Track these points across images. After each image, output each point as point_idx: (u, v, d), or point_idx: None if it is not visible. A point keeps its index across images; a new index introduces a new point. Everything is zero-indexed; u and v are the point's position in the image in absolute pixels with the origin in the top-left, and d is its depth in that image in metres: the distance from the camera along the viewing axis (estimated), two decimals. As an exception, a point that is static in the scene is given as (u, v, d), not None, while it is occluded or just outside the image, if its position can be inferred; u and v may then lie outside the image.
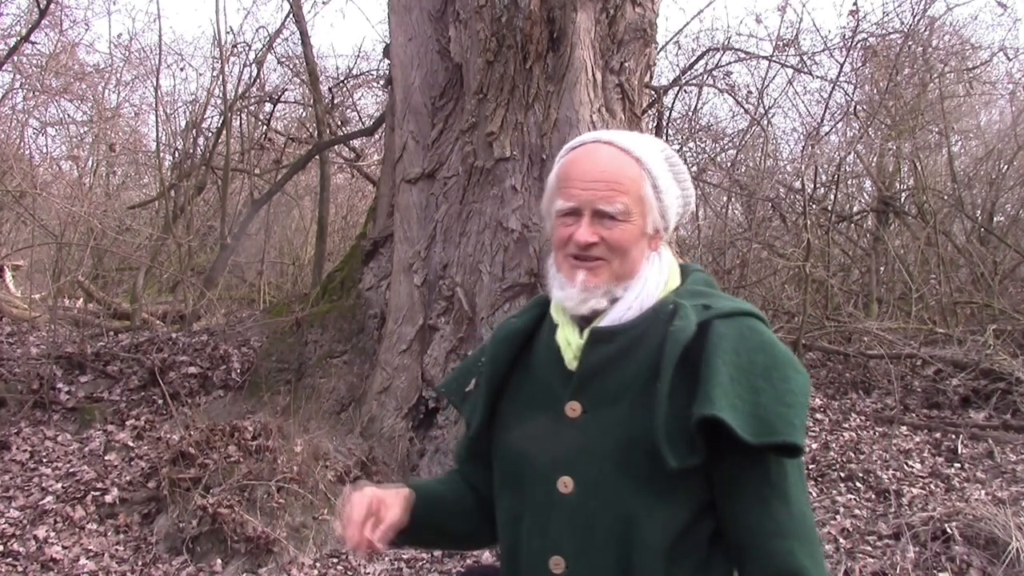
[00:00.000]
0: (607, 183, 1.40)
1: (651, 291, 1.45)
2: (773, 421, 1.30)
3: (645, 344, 1.39)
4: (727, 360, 1.32)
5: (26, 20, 10.07)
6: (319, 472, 4.58)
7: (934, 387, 6.27)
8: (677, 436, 1.31)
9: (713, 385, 1.30)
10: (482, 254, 5.22)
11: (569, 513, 1.38)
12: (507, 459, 1.49)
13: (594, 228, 1.40)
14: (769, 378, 1.33)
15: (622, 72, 5.48)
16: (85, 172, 12.39)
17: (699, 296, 1.44)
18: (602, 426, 1.39)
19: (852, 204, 11.67)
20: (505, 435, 1.50)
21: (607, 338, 1.42)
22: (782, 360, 1.36)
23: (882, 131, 9.81)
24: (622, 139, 1.45)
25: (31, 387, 5.66)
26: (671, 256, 1.53)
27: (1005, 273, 9.25)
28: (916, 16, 9.60)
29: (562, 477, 1.39)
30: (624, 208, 1.39)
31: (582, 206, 1.40)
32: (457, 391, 1.62)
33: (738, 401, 1.30)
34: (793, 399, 1.32)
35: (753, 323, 1.39)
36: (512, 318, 1.60)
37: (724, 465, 1.34)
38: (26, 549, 4.22)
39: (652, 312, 1.42)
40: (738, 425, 1.28)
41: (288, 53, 11.03)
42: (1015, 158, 10.47)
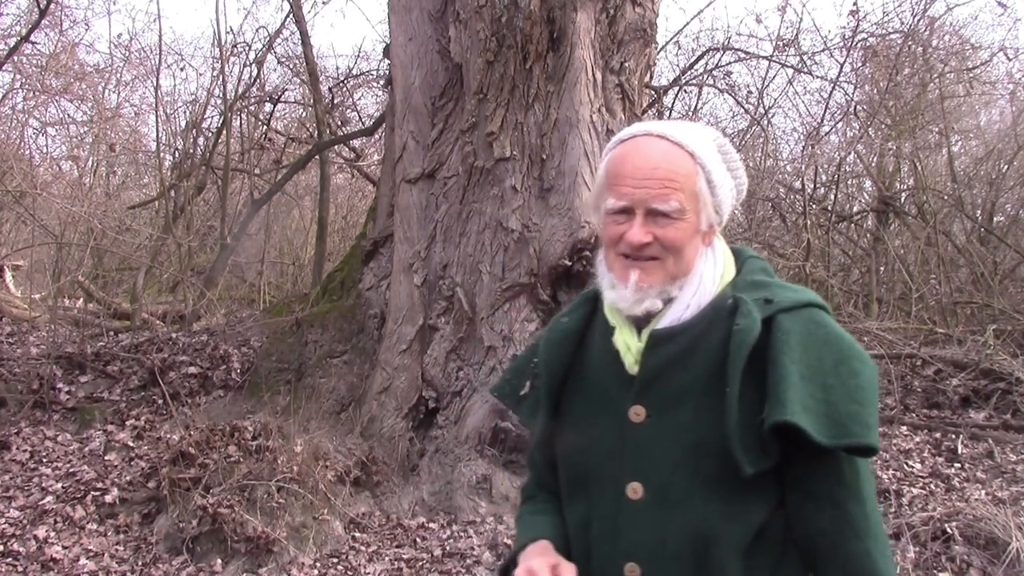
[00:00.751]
0: (661, 180, 1.33)
1: (708, 287, 1.40)
2: (846, 421, 1.26)
3: (706, 343, 1.35)
4: (795, 358, 1.28)
5: (26, 20, 10.08)
6: (319, 472, 4.58)
7: (934, 387, 6.26)
8: (749, 441, 1.28)
9: (784, 387, 1.26)
10: (482, 254, 5.22)
11: (640, 519, 1.36)
12: (572, 464, 1.46)
13: (647, 227, 1.34)
14: (838, 374, 1.29)
15: (622, 72, 5.48)
16: (85, 172, 12.39)
17: (758, 288, 1.38)
18: (668, 430, 1.35)
19: (852, 204, 11.67)
20: (567, 440, 1.47)
21: (667, 340, 1.37)
22: (849, 353, 1.32)
23: (882, 131, 9.81)
24: (674, 131, 1.38)
25: (31, 387, 5.66)
26: (724, 245, 1.48)
27: (1005, 273, 9.25)
28: (916, 16, 9.62)
29: (631, 483, 1.37)
30: (679, 206, 1.34)
31: (635, 204, 1.35)
32: (511, 394, 1.57)
33: (810, 401, 1.26)
34: (863, 396, 1.29)
35: (817, 315, 1.35)
36: (562, 317, 1.54)
37: (796, 465, 1.31)
38: (26, 549, 4.22)
39: (711, 309, 1.38)
40: (812, 428, 1.25)
41: (288, 53, 11.05)
42: (1015, 158, 10.46)
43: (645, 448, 1.36)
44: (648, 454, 1.36)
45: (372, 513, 4.73)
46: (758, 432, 1.28)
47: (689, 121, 7.60)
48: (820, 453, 1.28)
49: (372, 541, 4.49)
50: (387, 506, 4.85)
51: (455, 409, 5.15)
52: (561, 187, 5.14)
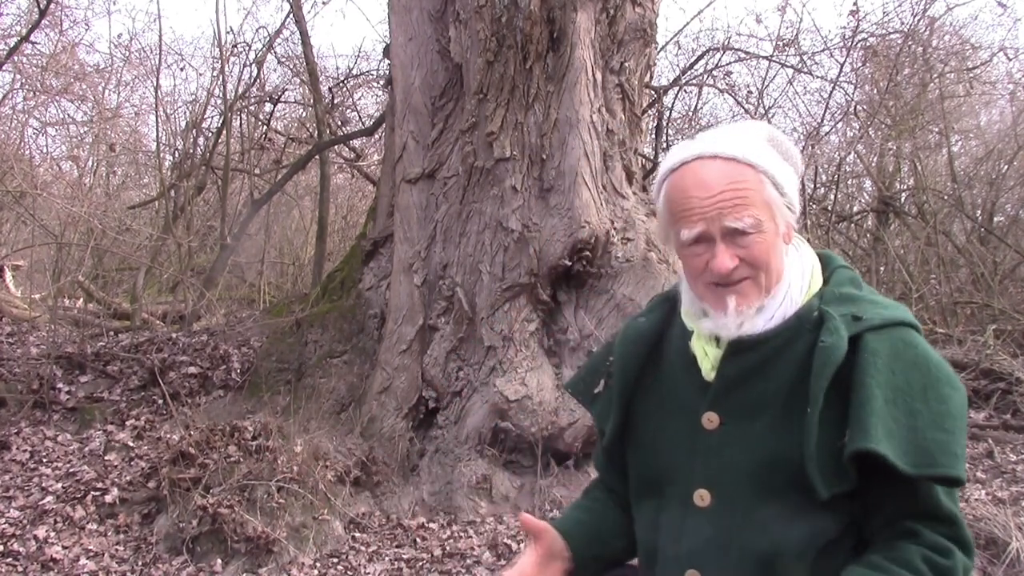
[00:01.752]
0: (730, 200, 1.29)
1: (794, 297, 1.36)
2: (933, 450, 1.21)
3: (787, 355, 1.32)
4: (881, 381, 1.24)
5: (26, 20, 10.07)
6: (319, 472, 4.58)
7: (934, 387, 6.26)
8: (828, 464, 1.24)
9: (868, 412, 1.21)
10: (482, 254, 5.22)
11: (705, 527, 1.34)
12: (642, 466, 1.46)
13: (730, 250, 1.30)
14: (926, 399, 1.24)
15: (622, 72, 5.48)
16: (85, 172, 12.39)
17: (846, 302, 1.33)
18: (741, 440, 1.33)
19: (852, 204, 11.68)
20: (639, 441, 1.46)
21: (748, 348, 1.34)
22: (938, 377, 1.27)
23: (882, 131, 9.81)
24: (727, 146, 1.33)
25: (31, 387, 5.66)
26: (811, 251, 1.43)
27: (1005, 273, 9.24)
28: (916, 16, 9.62)
29: (699, 490, 1.35)
30: (754, 220, 1.30)
31: (711, 230, 1.30)
32: (585, 392, 1.55)
33: (894, 426, 1.22)
34: (952, 424, 1.24)
35: (907, 334, 1.29)
36: (639, 318, 1.53)
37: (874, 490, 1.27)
38: (26, 549, 4.22)
39: (795, 320, 1.34)
40: (896, 456, 1.20)
41: (288, 53, 11.05)
42: (1015, 158, 10.46)
43: (716, 456, 1.34)
44: (718, 462, 1.34)
45: (372, 513, 4.74)
46: (837, 456, 1.24)
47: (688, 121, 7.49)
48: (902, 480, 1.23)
49: (372, 541, 4.49)
50: (387, 506, 4.85)
51: (455, 409, 5.15)
52: (561, 187, 5.14)
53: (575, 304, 5.25)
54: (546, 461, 4.82)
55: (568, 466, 4.86)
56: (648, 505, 1.44)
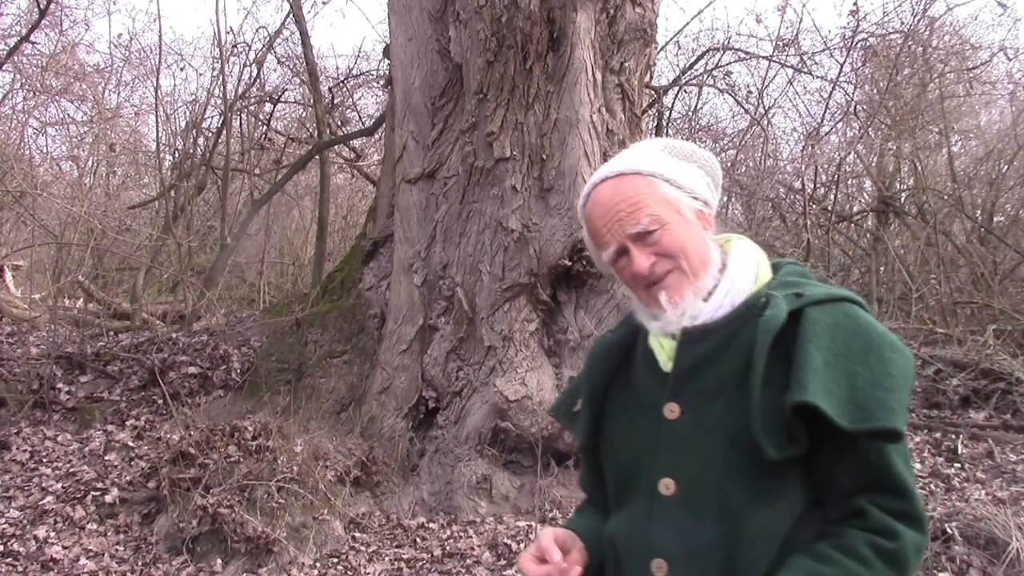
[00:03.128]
0: (623, 211, 1.40)
1: (741, 286, 1.43)
2: (870, 405, 1.25)
3: (738, 340, 1.37)
4: (821, 346, 1.29)
5: (26, 20, 10.07)
6: (319, 472, 4.58)
7: (934, 387, 6.26)
8: (774, 426, 1.28)
9: (807, 371, 1.26)
10: (482, 254, 5.22)
11: (671, 515, 1.37)
12: (614, 469, 1.50)
13: (643, 252, 1.39)
14: (866, 361, 1.28)
15: (622, 72, 5.48)
16: (85, 172, 12.40)
17: (791, 286, 1.41)
18: (701, 426, 1.37)
19: (852, 204, 11.68)
20: (612, 447, 1.50)
21: (700, 337, 1.40)
22: (880, 342, 1.31)
23: (882, 131, 9.81)
24: (615, 166, 1.45)
25: (31, 387, 5.66)
26: (759, 251, 1.51)
27: (1005, 273, 9.25)
28: (916, 16, 9.62)
29: (663, 479, 1.38)
30: (651, 219, 1.39)
31: (620, 242, 1.41)
32: (566, 413, 1.60)
33: (834, 387, 1.26)
34: (892, 382, 1.27)
35: (849, 308, 1.35)
36: (608, 332, 1.60)
37: (823, 454, 1.30)
38: (26, 549, 4.22)
39: (744, 308, 1.40)
40: (833, 411, 1.24)
41: (288, 53, 11.06)
42: (1015, 158, 10.46)
43: (679, 444, 1.38)
44: (681, 450, 1.38)
45: (372, 513, 4.73)
46: (782, 417, 1.28)
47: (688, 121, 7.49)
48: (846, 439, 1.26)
49: (372, 541, 4.48)
50: (387, 506, 4.85)
51: (455, 409, 5.15)
52: (561, 187, 5.14)
53: (575, 304, 5.25)
54: (546, 461, 4.82)
55: (568, 466, 4.86)
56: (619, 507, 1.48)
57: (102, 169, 12.99)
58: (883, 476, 1.29)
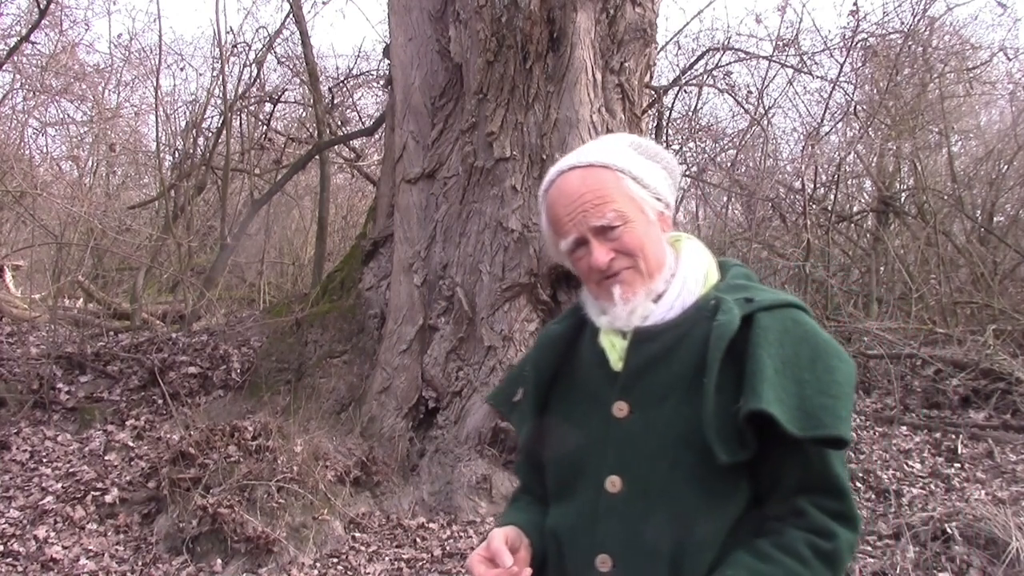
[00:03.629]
0: (590, 202, 1.41)
1: (691, 288, 1.45)
2: (819, 413, 1.29)
3: (689, 341, 1.40)
4: (772, 352, 1.32)
5: (26, 20, 10.07)
6: (319, 472, 4.58)
7: (934, 387, 6.26)
8: (726, 431, 1.31)
9: (760, 379, 1.29)
10: (482, 254, 5.22)
11: (617, 512, 1.39)
12: (557, 463, 1.50)
13: (604, 246, 1.41)
14: (813, 369, 1.33)
15: (622, 72, 5.48)
16: (85, 172, 12.40)
17: (740, 290, 1.43)
18: (650, 425, 1.39)
19: (852, 204, 11.68)
20: (555, 439, 1.51)
21: (651, 337, 1.42)
22: (826, 350, 1.36)
23: (882, 131, 9.81)
24: (584, 156, 1.45)
25: (31, 387, 5.66)
26: (707, 253, 1.54)
27: (1005, 273, 9.25)
28: (916, 16, 9.62)
29: (610, 476, 1.40)
30: (616, 214, 1.40)
31: (581, 233, 1.42)
32: (505, 402, 1.60)
33: (784, 394, 1.30)
34: (838, 390, 1.32)
35: (796, 314, 1.39)
36: (553, 324, 1.61)
37: (770, 457, 1.34)
38: (26, 549, 4.22)
39: (694, 310, 1.43)
40: (785, 419, 1.28)
41: (288, 53, 11.06)
42: (1015, 158, 10.47)
43: (627, 443, 1.40)
44: (629, 448, 1.39)
45: (372, 513, 4.73)
46: (734, 422, 1.31)
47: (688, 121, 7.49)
48: (792, 445, 1.30)
49: (372, 541, 4.48)
50: (387, 506, 4.85)
51: (455, 409, 5.15)
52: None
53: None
54: (546, 461, 4.82)
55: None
56: (560, 503, 1.49)
57: (102, 169, 13.00)
58: (824, 478, 1.33)
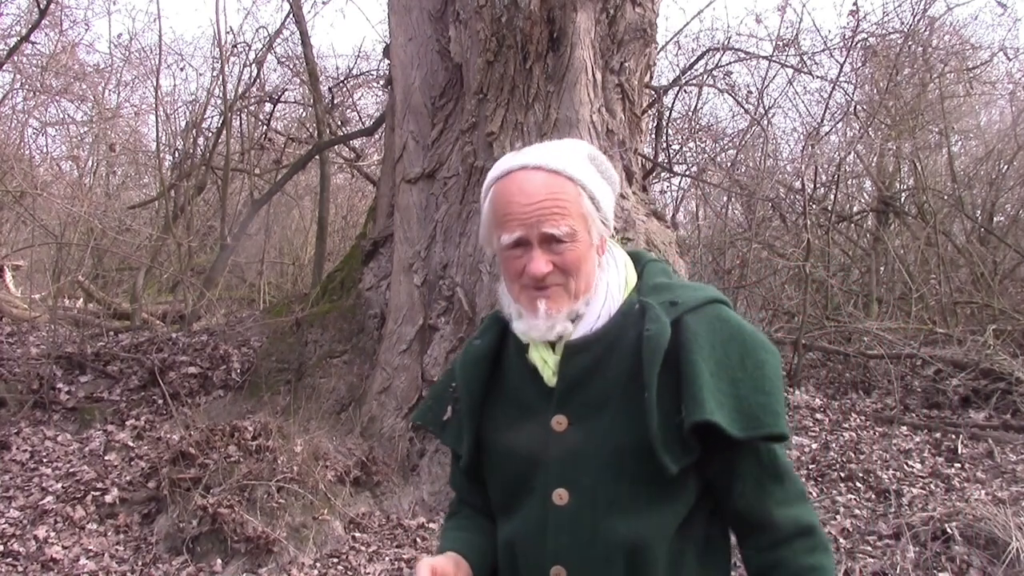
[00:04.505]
0: (548, 210, 1.37)
1: (615, 295, 1.45)
2: (757, 413, 1.33)
3: (619, 349, 1.41)
4: (704, 356, 1.35)
5: (26, 20, 10.07)
6: (319, 472, 4.58)
7: (934, 387, 6.27)
8: (670, 441, 1.34)
9: (699, 386, 1.32)
10: (482, 254, 5.22)
11: (567, 524, 1.40)
12: (501, 478, 1.50)
13: (546, 256, 1.38)
14: (744, 367, 1.36)
15: (622, 72, 5.48)
16: (85, 172, 12.40)
17: (662, 291, 1.44)
18: (590, 435, 1.40)
19: (852, 204, 11.68)
20: (495, 455, 1.50)
21: (582, 350, 1.43)
22: (753, 345, 1.39)
23: (882, 131, 9.80)
24: (549, 160, 1.41)
25: (31, 387, 5.66)
26: (622, 252, 1.53)
27: (1005, 273, 9.25)
28: (916, 16, 9.61)
29: (556, 489, 1.41)
30: (570, 230, 1.38)
31: (528, 236, 1.38)
32: (435, 420, 1.59)
33: (722, 397, 1.33)
34: (771, 385, 1.36)
35: (720, 310, 1.42)
36: (474, 340, 1.58)
37: (716, 458, 1.37)
38: (26, 549, 4.22)
39: (620, 316, 1.44)
40: (727, 423, 1.31)
41: (288, 53, 11.05)
42: (1015, 158, 10.47)
43: (568, 455, 1.40)
44: (572, 461, 1.40)
45: (372, 513, 4.74)
46: (677, 431, 1.33)
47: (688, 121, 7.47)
48: (736, 444, 1.34)
49: (372, 541, 4.49)
50: (387, 506, 4.85)
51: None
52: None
53: (575, 304, 5.25)
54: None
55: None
56: (507, 519, 1.49)
57: (102, 169, 13.00)
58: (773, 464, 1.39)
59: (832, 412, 6.00)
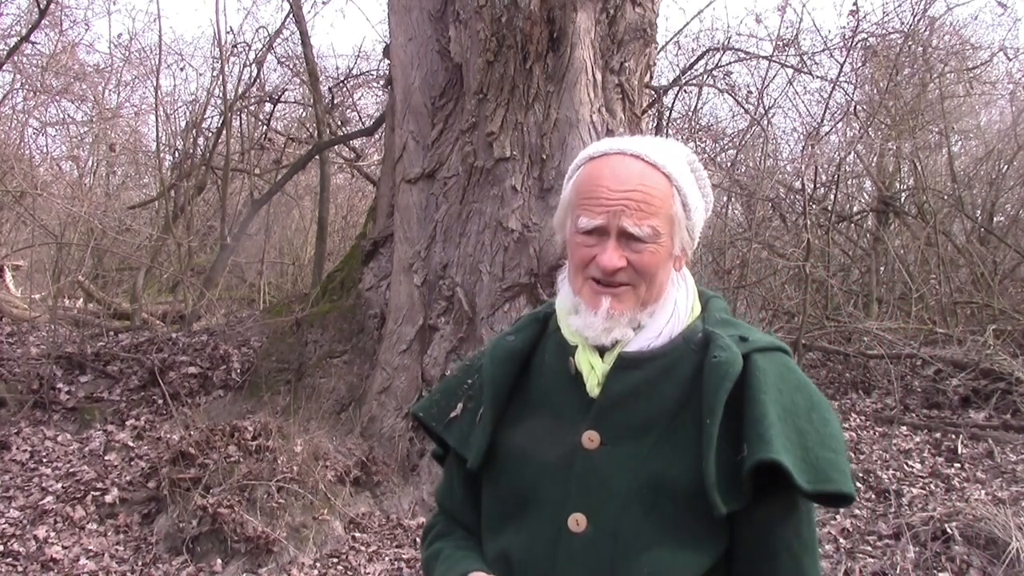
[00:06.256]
0: (637, 203, 1.26)
1: (681, 317, 1.34)
2: (825, 468, 1.23)
3: (675, 374, 1.30)
4: (773, 398, 1.24)
5: (26, 20, 10.07)
6: (319, 472, 4.58)
7: (934, 387, 6.27)
8: (723, 478, 1.22)
9: (767, 425, 1.21)
10: (482, 254, 5.22)
11: (580, 555, 1.26)
12: (506, 490, 1.36)
13: (621, 251, 1.27)
14: (811, 420, 1.26)
15: (622, 72, 5.48)
16: (85, 172, 12.40)
17: (729, 326, 1.34)
18: (623, 461, 1.27)
19: (852, 204, 11.67)
20: (504, 464, 1.36)
21: (635, 365, 1.30)
22: (819, 401, 1.30)
23: (882, 131, 9.80)
24: (649, 151, 1.31)
25: (31, 387, 5.66)
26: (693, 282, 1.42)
27: (1005, 273, 9.25)
28: (916, 16, 9.61)
29: (574, 514, 1.27)
30: (653, 231, 1.27)
31: (609, 226, 1.28)
32: (439, 416, 1.45)
33: (788, 444, 1.22)
34: (837, 445, 1.26)
35: (788, 360, 1.32)
36: (507, 336, 1.45)
37: (760, 512, 1.25)
38: (26, 549, 4.22)
39: (681, 340, 1.32)
40: (795, 470, 1.20)
41: (288, 53, 11.04)
42: (1015, 158, 10.47)
43: (595, 478, 1.28)
44: (597, 485, 1.28)
45: (372, 513, 4.74)
46: (733, 472, 1.22)
47: (688, 121, 7.47)
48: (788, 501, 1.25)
49: (372, 541, 4.49)
50: (387, 506, 4.85)
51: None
52: (561, 187, 5.13)
53: (575, 304, 5.25)
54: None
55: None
56: (507, 536, 1.34)
57: (102, 169, 13.00)
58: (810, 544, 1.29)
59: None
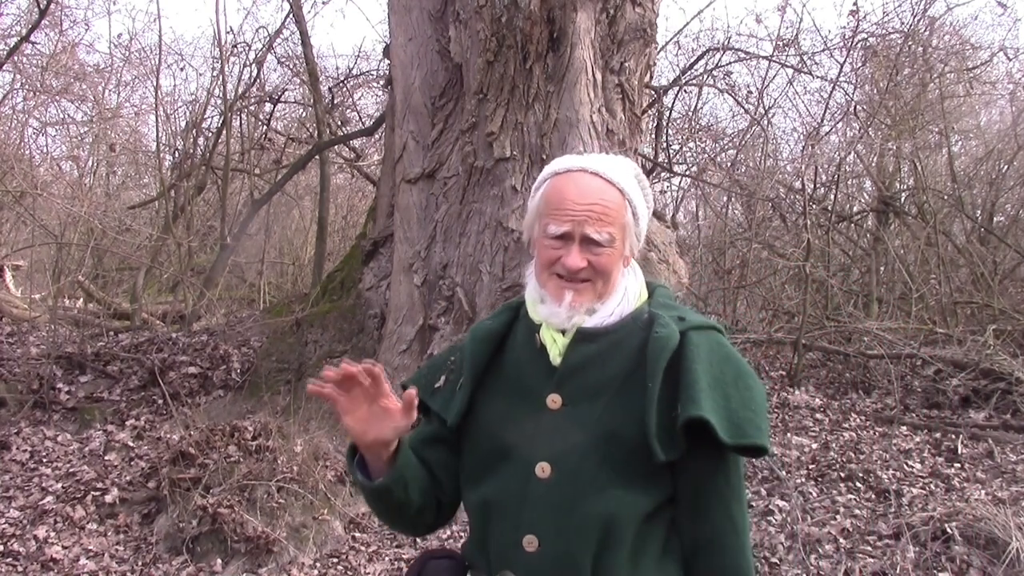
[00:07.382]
0: (597, 213, 1.54)
1: (630, 300, 1.62)
2: (744, 425, 1.48)
3: (624, 347, 1.57)
4: (704, 368, 1.51)
5: (26, 20, 10.07)
6: (319, 472, 4.58)
7: (934, 387, 6.26)
8: (662, 434, 1.48)
9: (697, 389, 1.47)
10: (482, 254, 5.22)
11: (545, 496, 1.51)
12: (484, 446, 1.61)
13: (583, 253, 1.54)
14: (736, 386, 1.52)
15: (622, 72, 5.48)
16: (85, 172, 12.40)
17: (670, 308, 1.62)
18: (581, 419, 1.53)
19: (852, 204, 11.66)
20: (482, 424, 1.62)
21: (590, 339, 1.57)
22: (744, 371, 1.56)
23: (882, 131, 9.80)
24: (606, 169, 1.59)
25: (31, 387, 5.66)
26: (640, 271, 1.71)
27: (1005, 273, 9.24)
28: (916, 16, 9.61)
29: (540, 463, 1.52)
30: (610, 236, 1.55)
31: (574, 233, 1.54)
32: (426, 387, 1.71)
33: (715, 405, 1.47)
34: (757, 406, 1.52)
35: (719, 337, 1.59)
36: (487, 320, 1.73)
37: (694, 463, 1.51)
38: (26, 549, 4.22)
39: (630, 319, 1.60)
40: (719, 427, 1.45)
41: (288, 53, 11.03)
42: (1015, 158, 10.46)
43: (558, 433, 1.54)
44: (560, 439, 1.53)
45: (372, 513, 4.73)
46: (670, 427, 1.48)
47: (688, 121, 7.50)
48: (716, 452, 1.49)
49: (372, 541, 4.49)
50: (387, 506, 4.84)
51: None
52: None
53: (575, 304, 5.25)
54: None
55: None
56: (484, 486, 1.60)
57: (102, 169, 13.00)
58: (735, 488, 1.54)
59: (832, 412, 6.00)
